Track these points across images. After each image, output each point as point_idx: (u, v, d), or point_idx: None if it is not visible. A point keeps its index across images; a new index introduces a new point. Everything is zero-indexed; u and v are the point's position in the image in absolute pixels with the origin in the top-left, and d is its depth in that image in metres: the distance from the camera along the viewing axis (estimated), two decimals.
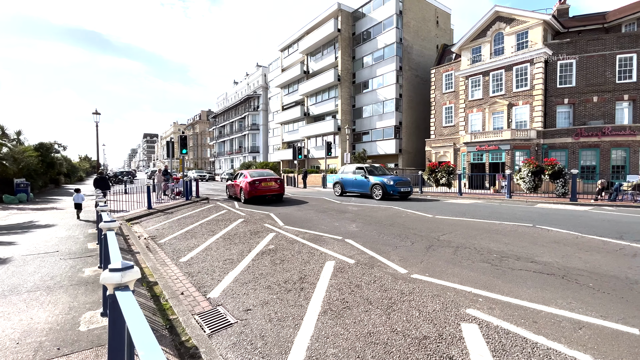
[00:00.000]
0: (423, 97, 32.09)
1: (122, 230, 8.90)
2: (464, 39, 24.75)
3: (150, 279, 4.97)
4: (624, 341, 2.78)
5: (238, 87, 64.59)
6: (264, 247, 6.53)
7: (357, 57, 34.83)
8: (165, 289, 4.50)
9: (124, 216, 11.33)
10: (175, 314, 3.74)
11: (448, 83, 27.40)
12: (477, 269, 4.73)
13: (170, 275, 5.22)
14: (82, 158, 55.70)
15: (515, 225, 7.91)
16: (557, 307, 3.43)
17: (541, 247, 5.76)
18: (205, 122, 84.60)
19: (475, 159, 22.88)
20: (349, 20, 34.90)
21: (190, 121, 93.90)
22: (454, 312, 3.41)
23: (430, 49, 33.56)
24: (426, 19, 33.41)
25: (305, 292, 4.17)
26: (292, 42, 42.36)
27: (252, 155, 53.05)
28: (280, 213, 10.94)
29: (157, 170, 18.83)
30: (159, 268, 5.55)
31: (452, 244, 6.18)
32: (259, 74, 54.37)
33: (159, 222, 10.30)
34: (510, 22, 22.46)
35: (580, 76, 20.34)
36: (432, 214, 10.12)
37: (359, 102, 34.63)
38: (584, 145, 19.51)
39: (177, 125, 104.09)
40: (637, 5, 21.33)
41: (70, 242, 7.26)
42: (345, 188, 17.01)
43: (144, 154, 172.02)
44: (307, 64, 39.67)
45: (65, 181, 32.75)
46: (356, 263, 5.21)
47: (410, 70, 31.68)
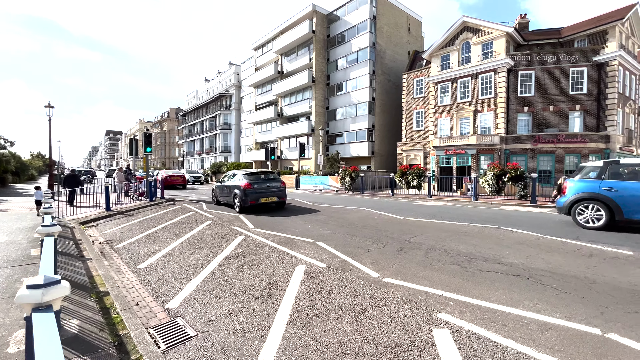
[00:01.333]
0: (395, 102, 32.83)
1: (74, 234, 8.13)
2: (434, 46, 25.61)
3: (101, 289, 4.50)
4: (587, 342, 2.82)
5: (209, 84, 62.65)
6: (231, 251, 6.19)
7: (331, 60, 34.98)
8: (118, 299, 4.07)
9: (78, 218, 10.42)
10: (126, 328, 3.36)
11: (419, 88, 28.20)
12: (448, 271, 4.74)
13: (126, 283, 4.77)
14: (34, 155, 51.33)
15: (482, 227, 8.14)
16: (524, 309, 3.47)
17: (507, 249, 5.92)
18: (174, 120, 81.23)
19: (443, 162, 23.67)
20: (324, 22, 34.99)
21: (158, 119, 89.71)
22: (426, 317, 3.34)
23: (402, 55, 34.44)
24: (398, 25, 34.26)
25: (273, 299, 3.94)
26: (267, 41, 41.78)
27: (223, 155, 51.60)
28: (250, 215, 10.56)
29: (117, 169, 17.61)
30: (113, 276, 5.06)
31: (423, 246, 6.20)
32: (231, 72, 53.07)
33: (117, 225, 9.56)
34: (476, 33, 23.53)
35: (538, 86, 21.70)
36: (404, 216, 10.23)
37: (333, 104, 34.77)
38: (541, 151, 20.80)
39: (144, 123, 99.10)
40: (587, 23, 23.16)
41: (10, 248, 6.49)
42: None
43: (106, 152, 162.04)
44: (281, 64, 39.25)
45: (14, 180, 29.92)
46: (327, 267, 5.04)
47: (383, 75, 32.29)
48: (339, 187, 23.79)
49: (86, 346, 2.97)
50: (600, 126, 20.53)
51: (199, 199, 16.13)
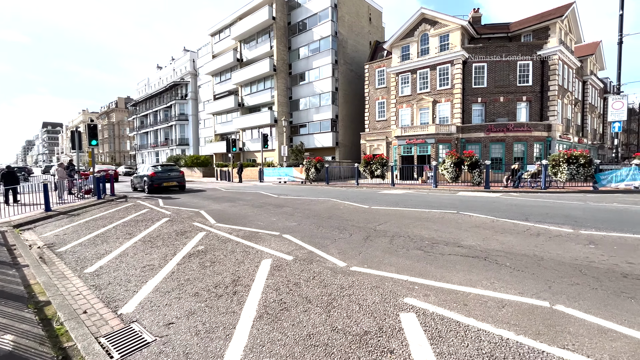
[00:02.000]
0: (358, 92, 33.22)
1: (5, 238, 7.26)
2: (395, 37, 26.16)
3: (41, 298, 4.05)
4: (538, 314, 3.07)
5: (162, 72, 58.79)
6: (191, 248, 5.90)
7: (293, 48, 34.38)
8: (61, 308, 3.68)
9: (11, 221, 9.30)
10: (72, 339, 3.05)
11: (380, 79, 28.76)
12: (412, 256, 4.91)
13: (71, 290, 4.34)
14: None
15: (442, 212, 8.56)
16: (482, 288, 3.69)
17: (465, 232, 6.27)
18: (124, 111, 75.44)
19: (405, 152, 24.54)
20: (284, 9, 34.17)
21: (105, 109, 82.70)
22: (393, 303, 3.42)
23: (364, 45, 34.79)
24: (360, 15, 34.46)
25: (238, 296, 3.80)
26: (224, 26, 39.95)
27: (180, 147, 49.08)
28: (211, 210, 10.16)
29: (57, 165, 15.99)
30: (56, 283, 4.58)
31: (388, 233, 6.37)
32: (186, 59, 50.19)
33: (60, 227, 8.69)
34: (434, 25, 24.39)
35: (490, 78, 23.14)
36: (369, 205, 10.45)
37: (296, 94, 34.36)
38: (493, 140, 22.33)
39: (87, 114, 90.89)
40: (533, 19, 25.01)
41: None
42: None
43: (44, 147, 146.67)
44: (240, 52, 37.84)
45: None
46: (294, 259, 4.99)
47: (345, 65, 32.43)
48: (304, 178, 23.73)
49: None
50: (543, 116, 22.48)
51: (154, 195, 15.20)
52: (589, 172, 13.91)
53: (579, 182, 14.35)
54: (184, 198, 13.75)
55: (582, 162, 13.88)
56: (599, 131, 34.07)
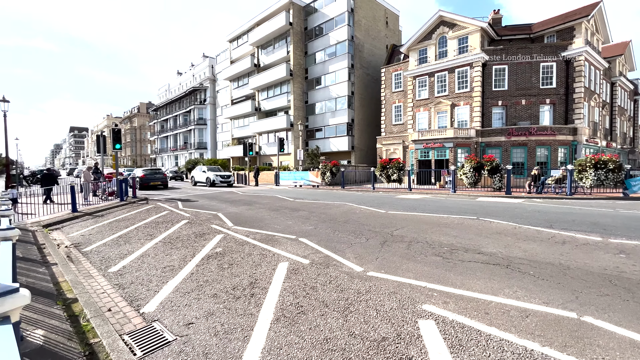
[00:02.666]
0: (374, 95, 33.11)
1: (36, 238, 7.64)
2: (412, 40, 25.98)
3: (68, 295, 4.24)
4: (565, 325, 2.95)
5: (182, 78, 60.57)
6: (210, 250, 6.02)
7: (309, 53, 34.71)
8: (88, 306, 3.84)
9: (40, 221, 9.79)
10: (98, 336, 3.18)
11: (397, 82, 28.58)
12: (430, 262, 4.83)
13: (96, 288, 4.52)
14: None
15: (461, 218, 8.38)
16: (505, 297, 3.58)
17: (486, 239, 6.12)
18: (145, 116, 78.06)
19: (422, 156, 24.20)
20: (301, 14, 34.60)
21: (128, 114, 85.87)
22: (411, 309, 3.38)
23: (380, 49, 34.72)
24: (376, 19, 34.45)
25: (256, 298, 3.85)
26: (242, 33, 40.82)
27: (199, 151, 50.24)
28: (229, 213, 10.34)
29: (86, 168, 16.69)
30: (82, 281, 4.78)
31: (405, 238, 6.30)
32: (205, 65, 51.53)
33: (85, 227, 9.07)
34: (452, 27, 24.07)
35: (511, 80, 22.56)
36: (385, 209, 10.36)
37: (312, 99, 34.60)
38: (514, 144, 21.71)
39: (112, 119, 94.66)
40: (556, 19, 24.27)
41: None
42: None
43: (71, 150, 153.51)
44: (257, 57, 38.53)
45: None
46: (311, 263, 5.01)
47: (361, 69, 32.44)
48: (319, 182, 23.79)
49: (53, 358, 2.78)
50: (569, 119, 21.68)
51: (174, 198, 15.63)
52: (619, 178, 13.28)
53: (607, 188, 13.72)
54: (202, 201, 14.05)
55: (611, 167, 13.27)
56: (629, 135, 32.52)
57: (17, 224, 8.57)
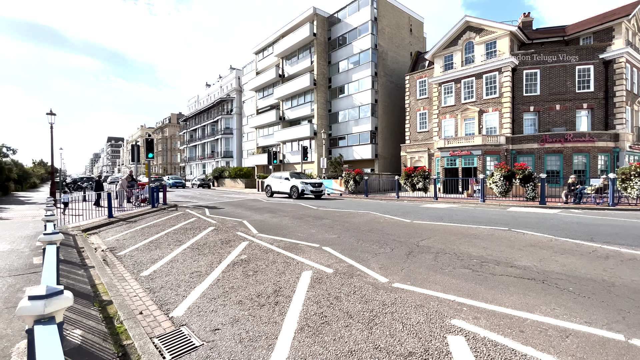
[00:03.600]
0: (398, 103, 32.80)
1: (76, 241, 8.12)
2: (437, 47, 25.61)
3: (104, 297, 4.45)
4: (611, 348, 2.73)
5: (210, 89, 63.04)
6: (235, 257, 6.14)
7: (332, 62, 35.08)
8: (122, 308, 4.02)
9: (80, 226, 10.42)
10: (130, 338, 3.31)
11: (422, 89, 28.17)
12: (459, 275, 4.65)
13: (129, 292, 4.72)
14: (36, 163, 51.77)
15: (491, 229, 8.03)
16: (541, 314, 3.37)
17: (519, 251, 5.81)
18: (176, 126, 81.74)
19: (448, 164, 23.54)
20: (325, 25, 35.15)
21: (160, 124, 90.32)
22: (439, 324, 3.25)
23: (404, 56, 34.47)
24: (400, 27, 34.33)
25: (280, 306, 3.87)
26: (267, 45, 42.03)
27: (225, 160, 51.75)
28: (254, 220, 10.52)
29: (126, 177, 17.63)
30: (116, 284, 5.01)
31: (432, 249, 6.11)
32: (232, 77, 53.40)
33: (120, 232, 9.55)
34: (479, 32, 23.51)
35: (544, 85, 21.58)
36: (410, 218, 10.13)
37: (335, 107, 34.80)
38: (548, 151, 20.63)
39: (145, 129, 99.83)
40: (593, 20, 23.07)
41: (12, 256, 6.48)
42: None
43: (108, 159, 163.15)
44: (282, 68, 39.43)
45: (16, 188, 30.12)
46: (335, 272, 4.97)
47: (385, 76, 32.31)
48: (342, 190, 23.71)
49: (89, 357, 2.92)
50: (609, 124, 20.35)
51: (202, 205, 16.14)
52: None
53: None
54: (228, 208, 14.41)
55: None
56: None
57: (60, 229, 9.17)
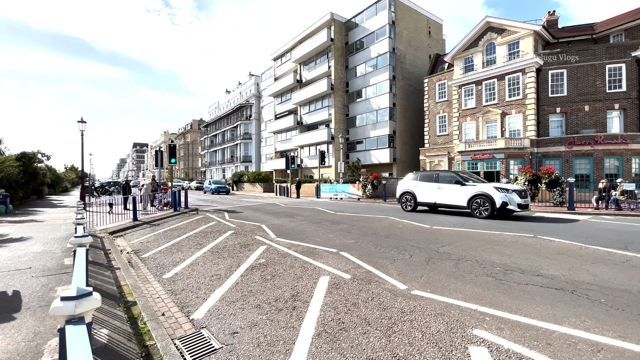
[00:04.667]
0: (416, 106, 32.38)
1: (103, 243, 8.48)
2: (456, 48, 25.15)
3: (129, 298, 4.62)
4: None
5: (230, 96, 64.57)
6: (254, 261, 6.21)
7: (350, 67, 35.14)
8: (145, 309, 4.15)
9: (107, 228, 10.88)
10: (153, 339, 3.41)
11: (441, 92, 27.70)
12: (481, 283, 4.51)
13: (152, 293, 4.87)
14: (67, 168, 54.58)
15: (516, 235, 7.75)
16: (570, 327, 3.21)
17: (545, 259, 5.57)
18: (197, 132, 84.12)
19: (470, 168, 22.94)
20: (342, 30, 35.32)
21: (182, 130, 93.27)
22: (460, 334, 3.16)
23: (423, 59, 34.06)
24: (418, 29, 34.00)
25: (297, 311, 3.88)
26: (285, 51, 42.66)
27: (244, 164, 52.66)
28: (272, 224, 10.62)
29: (150, 181, 18.31)
30: (140, 285, 5.19)
31: (453, 256, 5.96)
32: (251, 83, 54.48)
33: (143, 235, 9.89)
34: (501, 33, 22.90)
35: (571, 85, 20.70)
36: (430, 224, 9.93)
37: (353, 111, 34.77)
38: (577, 154, 19.71)
39: (168, 135, 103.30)
40: (624, 17, 21.99)
41: (45, 257, 6.84)
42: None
43: (133, 164, 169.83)
44: (300, 73, 39.88)
45: (49, 192, 31.89)
46: (352, 278, 4.93)
47: (403, 80, 32.02)
48: (360, 195, 23.57)
49: (115, 356, 3.03)
50: None
51: (221, 209, 16.47)
52: None
53: None
54: (246, 212, 14.62)
55: None
56: None
57: (88, 231, 9.61)
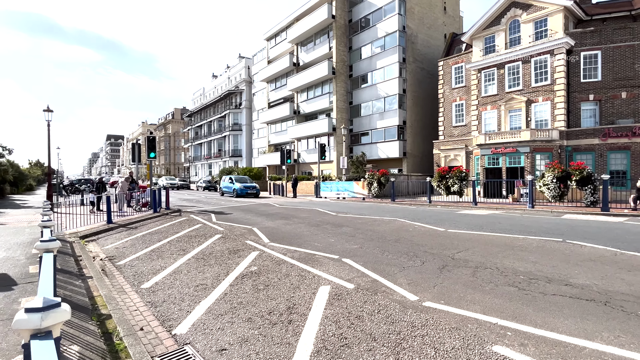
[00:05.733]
0: (430, 93, 32.33)
1: (73, 249, 8.51)
2: (476, 27, 25.09)
3: (102, 311, 4.64)
4: None
5: (217, 81, 64.45)
6: (244, 269, 6.24)
7: (354, 48, 35.04)
8: (121, 323, 4.18)
9: (77, 232, 10.90)
10: (130, 356, 3.43)
11: (458, 77, 27.67)
12: (502, 294, 4.53)
13: (129, 305, 4.90)
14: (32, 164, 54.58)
15: (542, 240, 7.79)
16: (603, 343, 3.23)
17: (575, 267, 5.60)
18: (179, 122, 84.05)
19: (490, 163, 22.97)
20: (345, 6, 35.19)
21: (162, 120, 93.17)
22: (478, 351, 3.18)
23: (437, 39, 33.98)
24: (432, 5, 33.89)
25: (294, 325, 3.90)
26: (280, 30, 42.50)
27: (233, 159, 52.66)
28: (265, 227, 10.65)
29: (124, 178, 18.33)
30: (116, 296, 5.21)
31: (470, 263, 5.99)
32: (241, 67, 54.36)
33: (119, 239, 9.92)
34: (527, 9, 22.84)
35: (606, 69, 20.68)
36: (444, 227, 9.97)
37: (357, 99, 34.73)
38: (612, 147, 19.73)
39: (146, 126, 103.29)
40: None
41: (7, 265, 6.86)
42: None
43: (107, 159, 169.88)
44: (297, 55, 39.77)
45: (12, 191, 31.84)
46: (356, 288, 4.96)
47: (414, 63, 31.96)
48: (365, 194, 23.61)
49: None
50: None
51: (207, 210, 16.49)
52: None
53: None
54: (236, 214, 14.66)
55: None
56: None
57: (56, 235, 9.62)
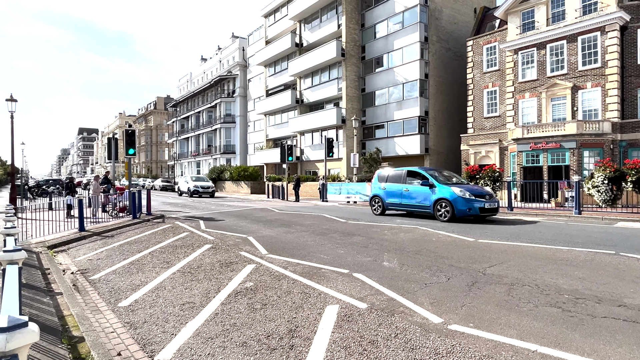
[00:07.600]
0: (456, 78, 32.25)
1: (40, 260, 8.62)
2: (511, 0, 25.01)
3: (74, 333, 4.70)
4: None
5: (207, 65, 64.95)
6: (238, 285, 6.28)
7: (367, 25, 35.10)
8: (96, 347, 4.23)
9: (45, 241, 11.05)
10: None
11: (490, 59, 27.59)
12: (543, 316, 4.52)
13: (105, 326, 4.96)
14: None
15: (590, 252, 7.77)
16: None
17: (631, 284, 5.57)
18: (163, 113, 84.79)
19: (529, 161, 22.88)
20: None
21: (142, 111, 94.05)
22: None
23: (466, 14, 33.91)
24: None
25: (296, 351, 3.92)
26: (280, 4, 42.70)
27: (225, 157, 52.95)
28: (262, 236, 10.70)
29: (94, 178, 18.57)
30: (89, 316, 5.28)
31: (505, 279, 5.98)
32: (235, 48, 54.70)
33: (93, 250, 10.04)
34: None
35: None
36: (474, 236, 9.95)
37: (371, 85, 34.76)
38: None
39: (124, 117, 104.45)
40: None
41: None
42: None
43: (79, 156, 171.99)
44: (300, 34, 39.93)
45: None
46: (369, 308, 4.97)
47: (439, 42, 31.91)
48: None
49: None
50: None
51: (195, 216, 16.62)
52: None
53: None
54: (229, 220, 14.75)
55: None
56: None
57: (21, 244, 9.77)
